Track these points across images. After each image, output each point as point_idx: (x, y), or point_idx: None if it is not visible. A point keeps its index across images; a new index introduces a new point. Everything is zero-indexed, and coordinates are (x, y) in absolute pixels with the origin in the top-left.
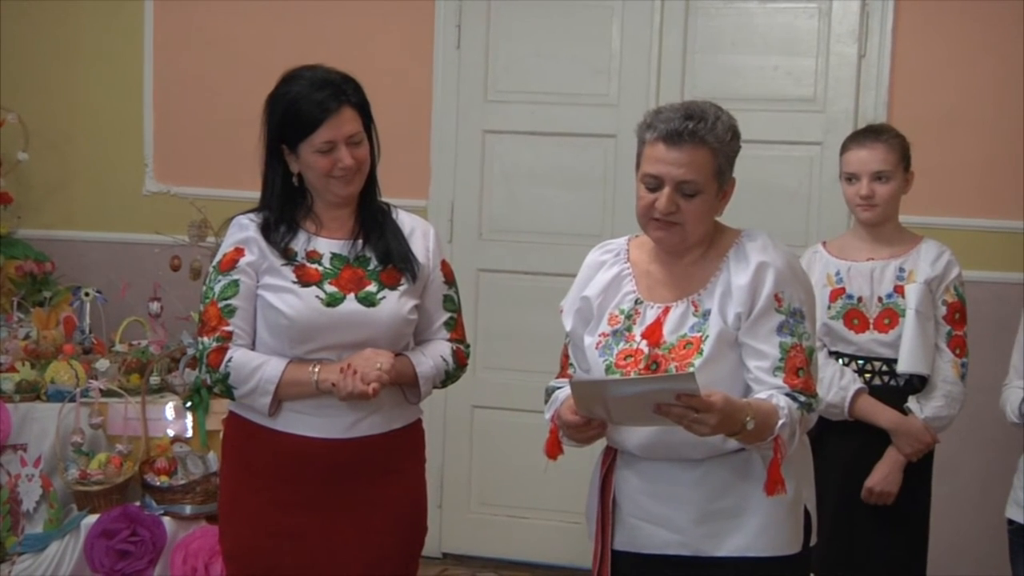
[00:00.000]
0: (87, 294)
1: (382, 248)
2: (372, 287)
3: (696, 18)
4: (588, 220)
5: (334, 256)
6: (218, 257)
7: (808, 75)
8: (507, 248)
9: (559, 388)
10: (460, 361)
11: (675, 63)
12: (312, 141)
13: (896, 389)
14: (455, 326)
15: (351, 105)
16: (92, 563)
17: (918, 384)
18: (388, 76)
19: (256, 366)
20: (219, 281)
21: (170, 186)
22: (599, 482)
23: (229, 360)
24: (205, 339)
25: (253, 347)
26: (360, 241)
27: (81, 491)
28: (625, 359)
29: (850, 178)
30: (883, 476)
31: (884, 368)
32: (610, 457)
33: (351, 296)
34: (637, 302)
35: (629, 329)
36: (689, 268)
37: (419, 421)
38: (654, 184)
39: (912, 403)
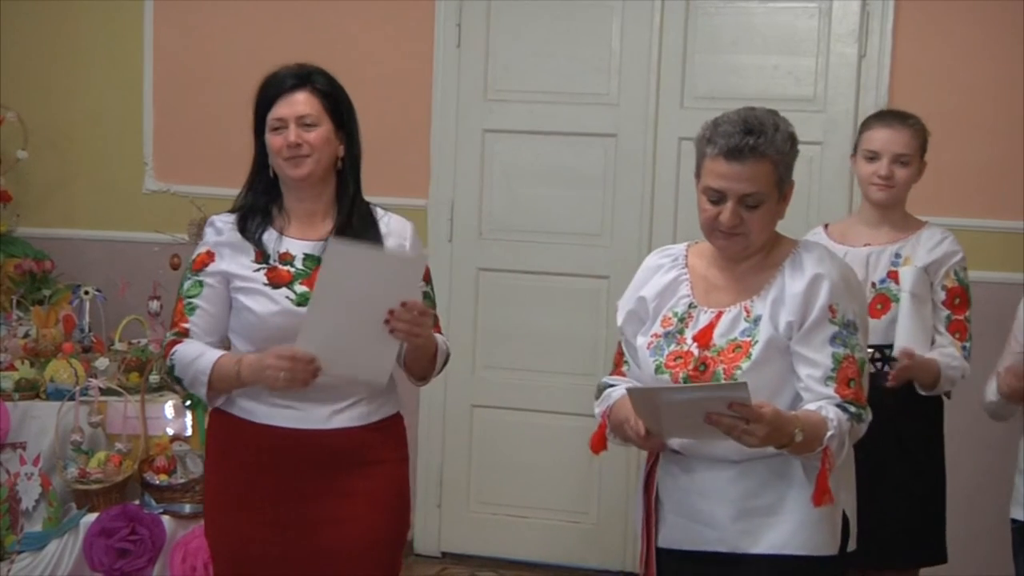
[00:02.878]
0: (87, 292)
1: None
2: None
3: (696, 17)
4: (588, 219)
5: (307, 256)
6: (193, 255)
7: (808, 75)
8: (507, 247)
9: (612, 385)
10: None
11: (675, 62)
12: (269, 119)
13: (887, 376)
14: (435, 322)
15: (312, 91)
16: (91, 562)
17: None
18: (388, 75)
19: (193, 358)
20: (188, 279)
21: (170, 184)
22: (644, 481)
23: (174, 353)
24: (168, 332)
25: (221, 348)
26: None
27: (80, 489)
28: (675, 360)
29: (872, 157)
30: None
31: (876, 355)
32: (654, 456)
33: None
34: (691, 306)
35: (681, 332)
36: (745, 275)
37: (399, 414)
38: (717, 197)
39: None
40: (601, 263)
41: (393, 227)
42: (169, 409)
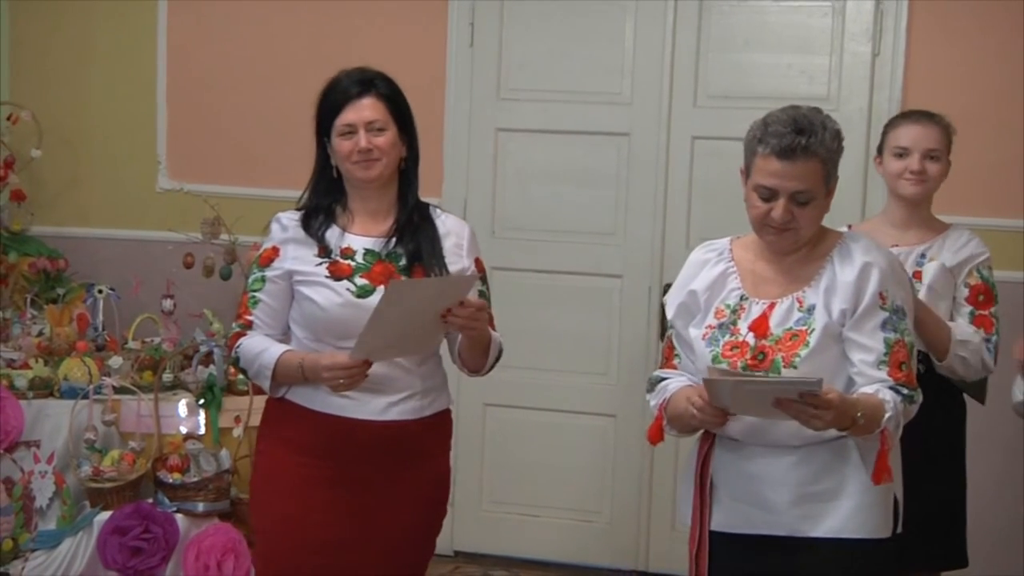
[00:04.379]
0: (100, 291)
1: (412, 248)
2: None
3: (710, 16)
4: (601, 218)
5: (367, 252)
6: (260, 250)
7: (822, 74)
8: (520, 246)
9: (666, 379)
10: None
11: (688, 61)
12: (336, 125)
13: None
14: (490, 319)
15: (377, 95)
16: (105, 560)
17: (923, 371)
18: (401, 74)
19: (258, 352)
20: (254, 274)
21: (183, 183)
22: (697, 466)
23: (239, 346)
24: (233, 324)
25: (281, 341)
26: (394, 239)
27: (94, 488)
28: (731, 350)
29: (901, 153)
30: None
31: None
32: (708, 443)
33: (381, 288)
34: (742, 298)
35: (734, 323)
36: (794, 267)
37: (448, 411)
38: (768, 195)
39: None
40: (614, 262)
41: (451, 227)
42: (182, 408)
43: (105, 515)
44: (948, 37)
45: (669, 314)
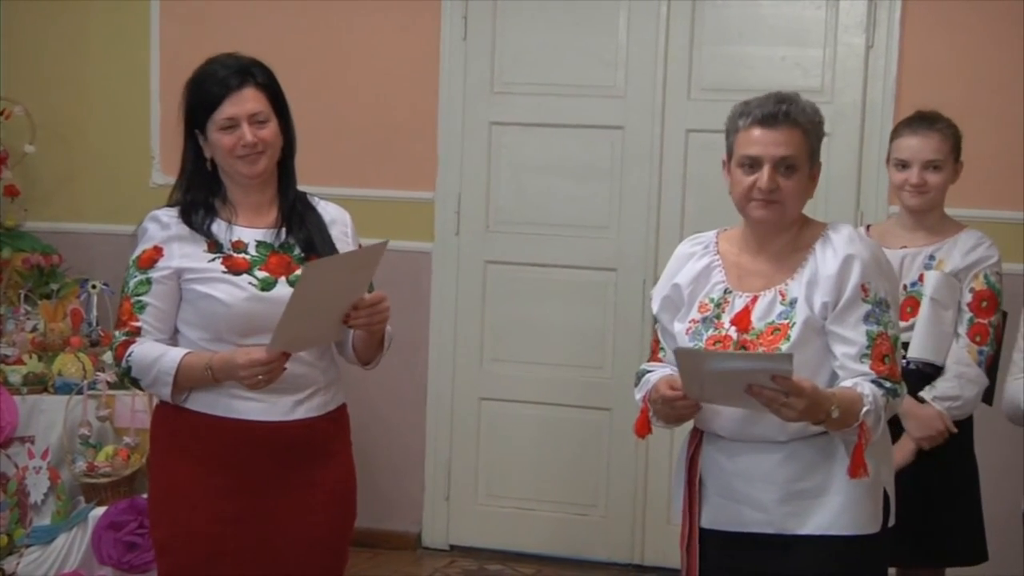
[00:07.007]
0: (94, 287)
1: (304, 237)
2: (301, 271)
3: (703, 9)
4: (595, 212)
5: (259, 244)
6: (137, 252)
7: (816, 66)
8: (514, 240)
9: (650, 371)
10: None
11: (682, 54)
12: (215, 119)
13: (915, 373)
14: None
15: (256, 85)
16: (100, 555)
17: (932, 373)
18: (394, 68)
19: (155, 358)
20: (135, 277)
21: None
22: (686, 463)
23: (130, 354)
24: (116, 333)
25: (171, 344)
26: (283, 230)
27: (88, 483)
28: (714, 344)
29: (902, 165)
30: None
31: (904, 354)
32: (696, 439)
33: (282, 280)
34: (726, 291)
35: (718, 316)
36: (776, 258)
37: (345, 405)
38: (752, 163)
39: (925, 390)
40: (608, 255)
41: (333, 214)
42: None
43: (100, 510)
44: (942, 28)
45: (654, 308)
